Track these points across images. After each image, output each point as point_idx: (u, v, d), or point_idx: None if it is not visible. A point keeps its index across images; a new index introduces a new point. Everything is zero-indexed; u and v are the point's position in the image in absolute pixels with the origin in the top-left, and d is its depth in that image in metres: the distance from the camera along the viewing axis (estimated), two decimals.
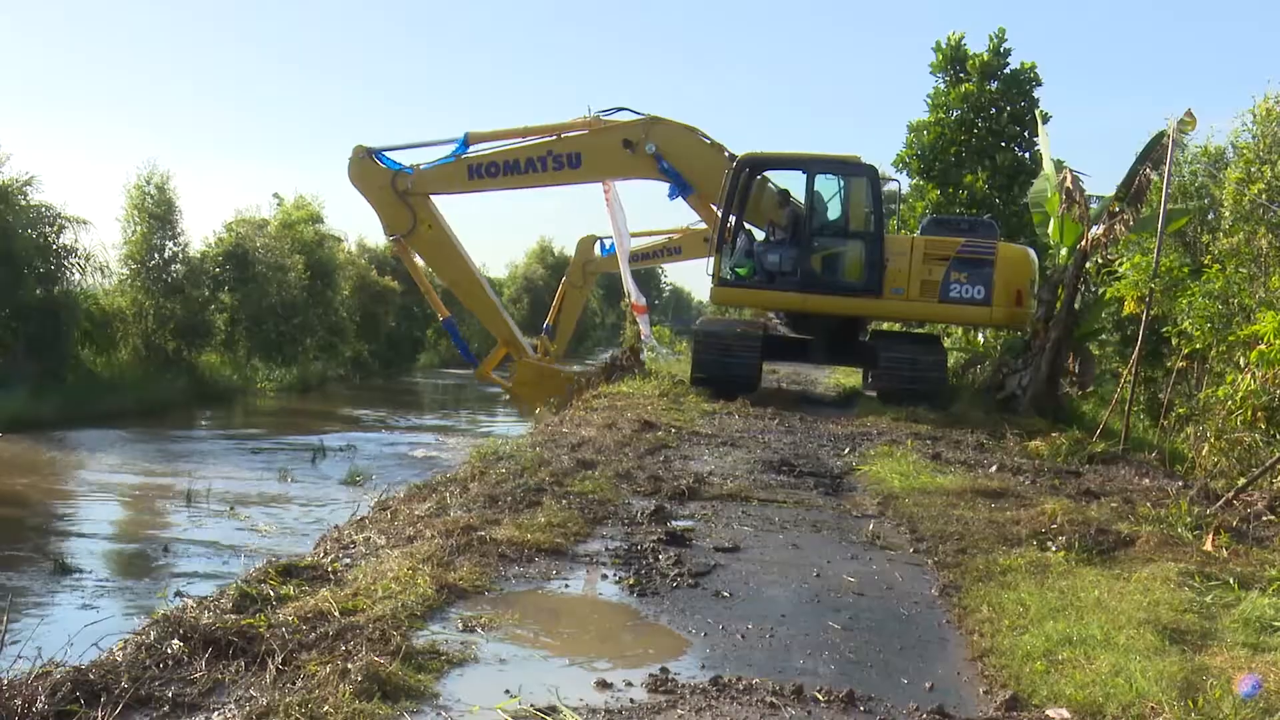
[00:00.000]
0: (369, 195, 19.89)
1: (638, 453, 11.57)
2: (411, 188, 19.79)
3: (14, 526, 14.18)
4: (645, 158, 19.49)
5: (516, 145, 19.69)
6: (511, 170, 19.64)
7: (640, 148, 19.42)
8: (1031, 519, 8.69)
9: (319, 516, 14.53)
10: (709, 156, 19.60)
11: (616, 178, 21.24)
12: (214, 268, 34.39)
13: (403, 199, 19.78)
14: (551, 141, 19.57)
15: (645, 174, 19.95)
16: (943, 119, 30.08)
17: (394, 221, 19.99)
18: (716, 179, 18.77)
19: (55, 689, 4.28)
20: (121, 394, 26.37)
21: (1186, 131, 15.58)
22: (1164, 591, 6.58)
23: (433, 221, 20.11)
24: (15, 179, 24.87)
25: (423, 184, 19.88)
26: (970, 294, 17.67)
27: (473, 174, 19.76)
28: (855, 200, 18.43)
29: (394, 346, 47.67)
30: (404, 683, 4.70)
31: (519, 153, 19.66)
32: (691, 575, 6.88)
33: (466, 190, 20.21)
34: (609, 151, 19.64)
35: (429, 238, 20.32)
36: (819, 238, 18.13)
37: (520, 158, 19.64)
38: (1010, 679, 5.28)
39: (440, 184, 20.06)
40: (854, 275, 18.01)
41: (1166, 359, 14.79)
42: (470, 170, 19.76)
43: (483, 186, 20.04)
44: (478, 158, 19.74)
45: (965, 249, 17.82)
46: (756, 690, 4.94)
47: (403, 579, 6.15)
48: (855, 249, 18.10)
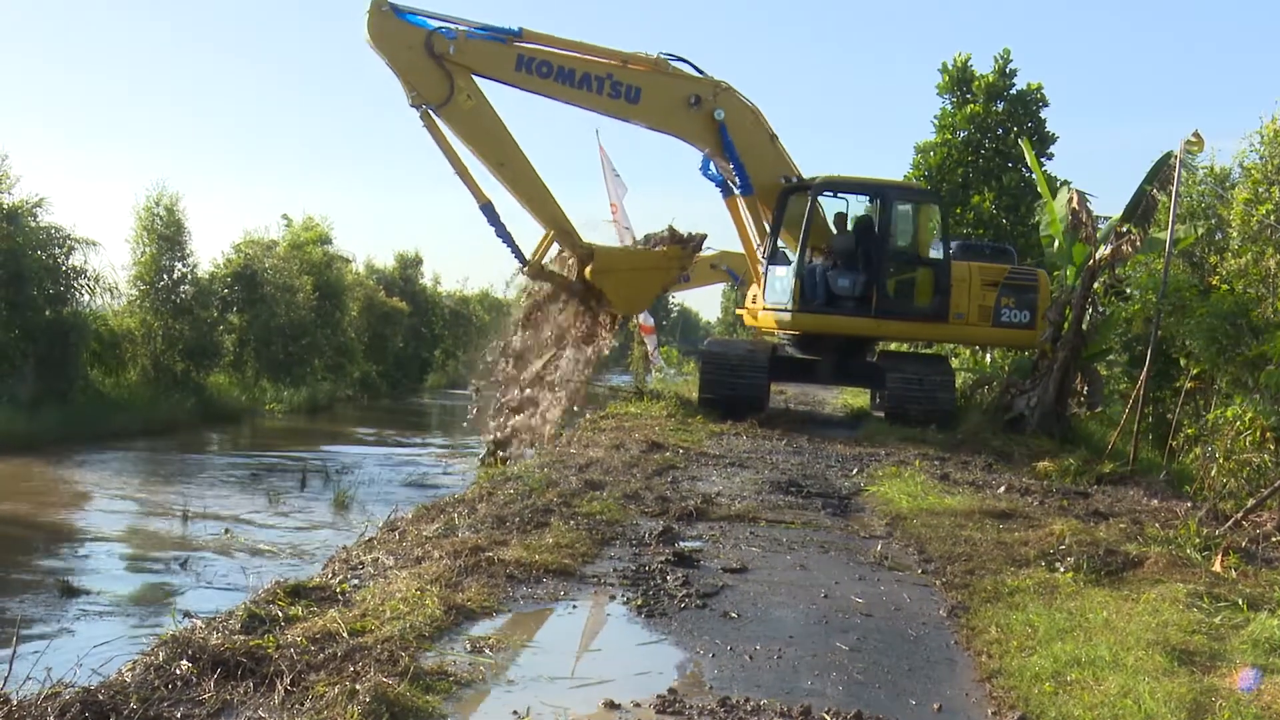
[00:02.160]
0: (394, 56, 16.71)
1: (645, 473, 11.57)
2: (452, 54, 16.75)
3: (22, 547, 14.19)
4: (710, 122, 17.89)
5: (576, 55, 17.53)
6: (564, 79, 17.37)
7: (707, 109, 17.84)
8: (1040, 540, 8.68)
9: (325, 537, 14.53)
10: (769, 156, 18.45)
11: (669, 131, 18.48)
12: (223, 289, 34.46)
13: (439, 63, 16.70)
14: (615, 66, 17.56)
15: (700, 140, 18.22)
16: (949, 140, 30.17)
17: (426, 88, 16.73)
18: (769, 182, 18.26)
19: (64, 710, 4.30)
20: (130, 414, 26.38)
21: (1194, 152, 15.62)
22: (1173, 613, 6.56)
23: (473, 92, 16.99)
24: (25, 201, 24.94)
25: (466, 53, 16.88)
26: (1019, 318, 18.28)
27: (521, 65, 17.16)
28: (925, 226, 18.78)
29: (402, 367, 47.71)
30: (412, 704, 4.71)
31: (578, 63, 17.44)
32: (699, 596, 6.88)
33: (510, 81, 17.32)
34: (672, 100, 17.85)
35: (469, 110, 17.08)
36: (893, 263, 18.30)
37: (578, 69, 17.42)
38: (1019, 700, 5.28)
39: (484, 62, 17.12)
40: (923, 301, 18.23)
41: (1175, 379, 14.76)
42: (520, 60, 17.15)
43: (527, 83, 17.32)
44: (531, 50, 17.25)
45: (1013, 275, 18.48)
46: (765, 711, 4.93)
47: (411, 600, 6.16)
48: (925, 275, 18.33)
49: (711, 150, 18.32)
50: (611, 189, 26.77)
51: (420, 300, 51.74)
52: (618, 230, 25.18)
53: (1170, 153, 15.72)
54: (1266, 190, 13.81)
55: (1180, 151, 14.98)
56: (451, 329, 55.65)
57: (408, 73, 16.72)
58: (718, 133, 17.87)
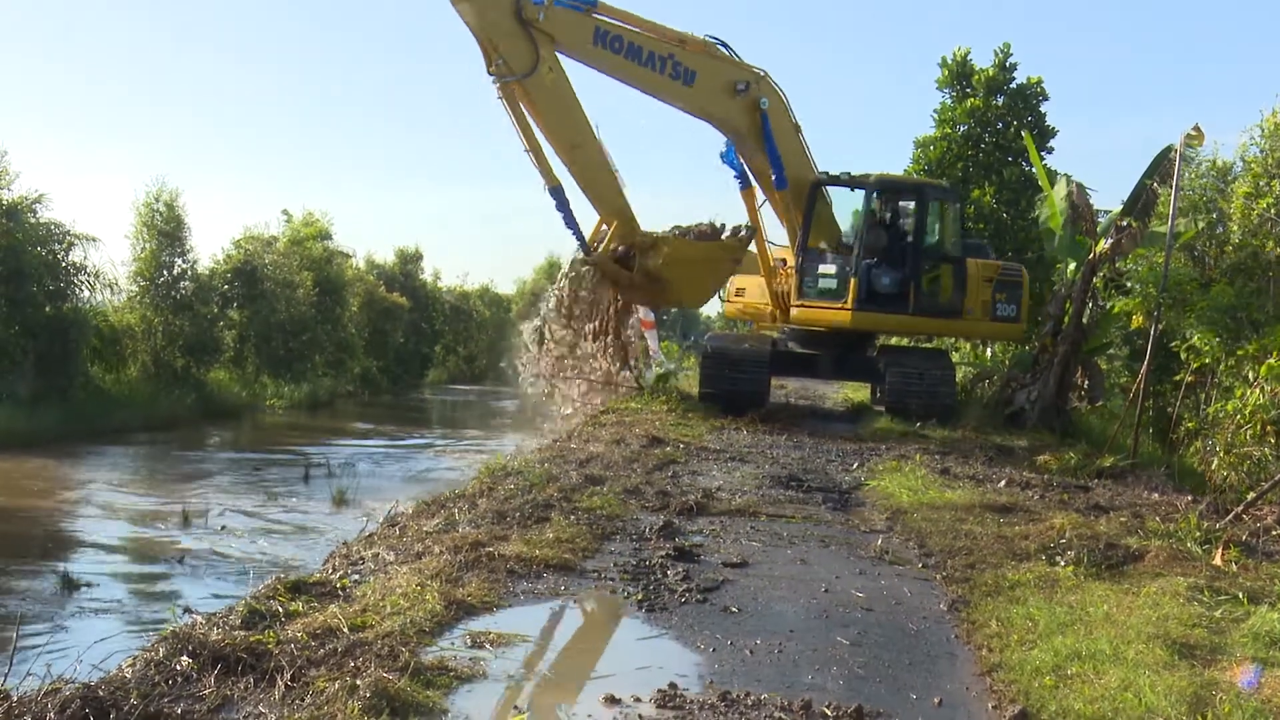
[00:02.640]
0: (481, 18, 15.72)
1: (646, 468, 11.57)
2: (540, 20, 15.93)
3: (22, 543, 14.19)
4: (752, 110, 17.40)
5: (644, 32, 16.86)
6: (633, 56, 16.64)
7: (753, 96, 17.34)
8: (1040, 534, 8.68)
9: (325, 533, 14.53)
10: (796, 148, 18.13)
11: (709, 116, 17.74)
12: (223, 284, 34.48)
13: (526, 30, 15.87)
14: (676, 46, 16.93)
15: (739, 127, 17.53)
16: (949, 134, 30.07)
17: (513, 56, 15.88)
18: (796, 175, 18.07)
19: (65, 706, 4.29)
20: (130, 411, 26.39)
21: (1194, 146, 15.59)
22: (1173, 606, 6.57)
23: (554, 65, 16.27)
24: (24, 197, 24.93)
25: (553, 21, 16.06)
26: (1009, 312, 18.51)
27: (598, 39, 16.45)
28: (948, 224, 18.93)
29: (402, 363, 47.75)
30: (412, 699, 4.71)
31: (645, 41, 16.77)
32: (700, 591, 6.88)
33: (584, 57, 16.56)
34: (722, 85, 17.28)
35: (551, 83, 16.31)
36: (927, 261, 18.53)
37: (645, 46, 16.75)
38: (1019, 694, 5.28)
39: (567, 32, 16.34)
40: (946, 297, 18.42)
41: (1175, 373, 14.75)
42: (597, 33, 16.45)
43: (600, 60, 16.59)
44: (609, 25, 16.55)
45: (1004, 272, 18.73)
46: (765, 706, 4.93)
47: (411, 595, 6.16)
48: (948, 272, 18.53)
49: (747, 138, 17.76)
50: None
51: (420, 296, 51.79)
52: None
53: (1170, 146, 15.69)
54: (1267, 184, 13.80)
55: (1180, 145, 14.96)
56: (452, 324, 55.72)
57: (495, 37, 15.83)
58: (759, 121, 17.48)
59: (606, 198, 17.46)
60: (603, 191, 17.37)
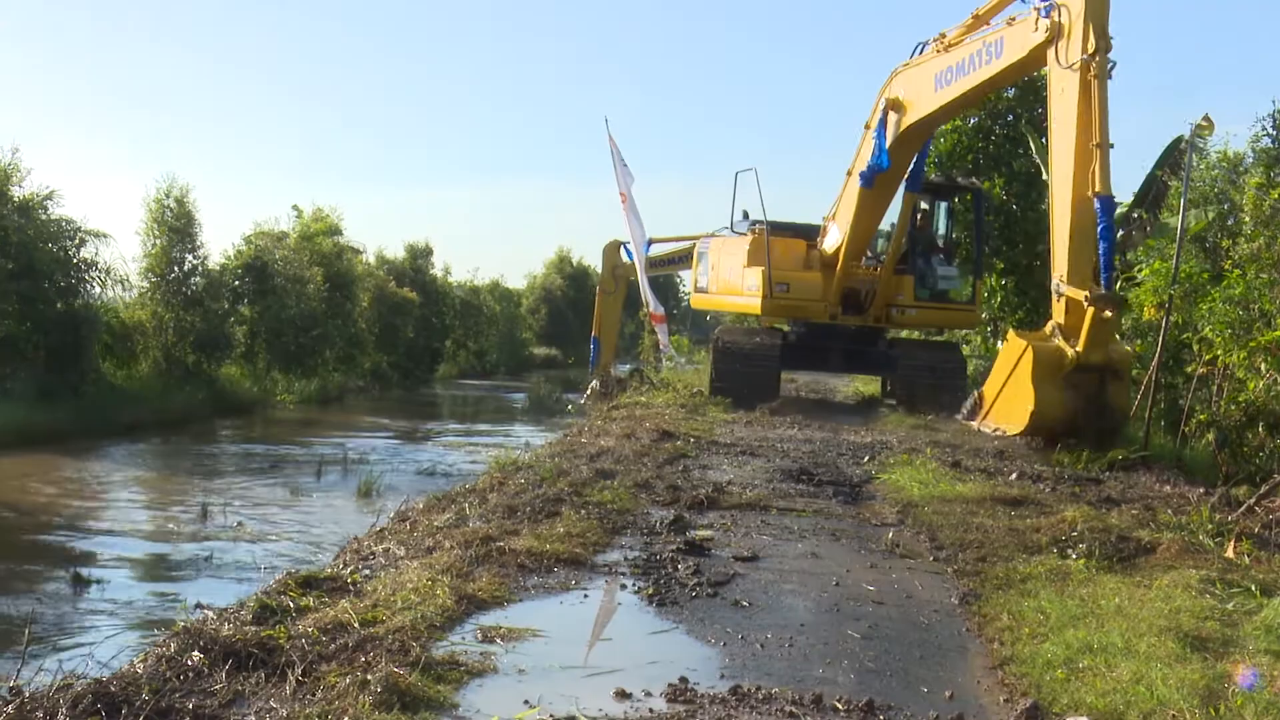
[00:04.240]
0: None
1: (656, 462, 11.58)
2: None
3: (34, 539, 14.23)
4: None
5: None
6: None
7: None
8: (1052, 526, 8.65)
9: (337, 528, 14.55)
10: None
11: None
12: (233, 280, 34.46)
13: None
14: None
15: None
16: (959, 126, 29.98)
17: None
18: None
19: (77, 701, 4.31)
20: (142, 407, 26.41)
21: (1204, 136, 15.52)
22: (1185, 599, 6.54)
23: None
24: (36, 193, 24.96)
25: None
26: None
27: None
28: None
29: (413, 358, 47.71)
30: (423, 693, 4.72)
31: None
32: (710, 585, 6.88)
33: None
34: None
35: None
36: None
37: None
38: (1031, 687, 5.27)
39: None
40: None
41: (1187, 365, 14.70)
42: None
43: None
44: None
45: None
46: (776, 699, 4.93)
47: (422, 590, 6.16)
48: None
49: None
50: (620, 178, 26.82)
51: (431, 291, 51.69)
52: (627, 216, 25.17)
53: (1181, 137, 15.61)
54: (1278, 174, 13.73)
55: (1190, 135, 14.88)
56: (462, 319, 55.64)
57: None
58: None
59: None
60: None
